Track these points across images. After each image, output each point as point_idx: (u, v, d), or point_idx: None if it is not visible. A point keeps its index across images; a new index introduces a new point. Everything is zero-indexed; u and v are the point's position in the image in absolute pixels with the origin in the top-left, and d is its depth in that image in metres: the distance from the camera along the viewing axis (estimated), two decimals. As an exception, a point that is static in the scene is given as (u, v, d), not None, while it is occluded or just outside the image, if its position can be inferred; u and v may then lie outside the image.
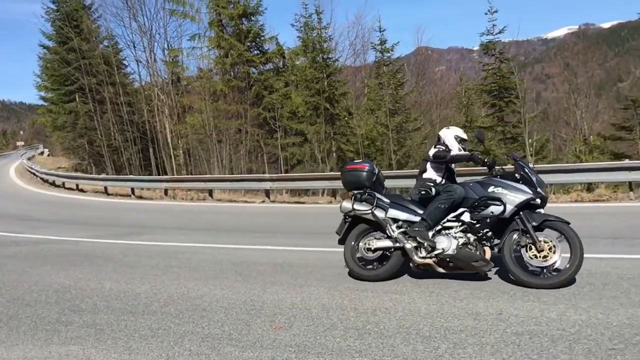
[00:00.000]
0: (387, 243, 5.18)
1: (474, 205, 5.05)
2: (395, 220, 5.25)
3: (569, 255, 4.50)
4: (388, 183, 12.93)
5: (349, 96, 27.81)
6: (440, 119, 36.45)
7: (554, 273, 4.57)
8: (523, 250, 4.73)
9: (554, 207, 10.99)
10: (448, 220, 5.09)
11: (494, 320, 3.79)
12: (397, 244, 5.12)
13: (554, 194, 13.41)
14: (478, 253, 4.86)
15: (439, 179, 5.46)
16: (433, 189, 5.21)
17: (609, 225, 8.10)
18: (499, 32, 23.39)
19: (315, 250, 7.07)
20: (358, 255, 5.31)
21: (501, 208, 4.90)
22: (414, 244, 5.04)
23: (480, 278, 4.98)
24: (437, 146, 5.59)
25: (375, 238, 5.29)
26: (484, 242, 4.95)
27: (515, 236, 4.79)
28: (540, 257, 4.63)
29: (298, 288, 5.02)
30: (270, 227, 10.27)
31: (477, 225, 4.98)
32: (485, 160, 5.25)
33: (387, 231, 5.19)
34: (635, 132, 19.82)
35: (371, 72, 31.43)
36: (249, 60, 26.75)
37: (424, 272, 5.18)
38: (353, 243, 5.36)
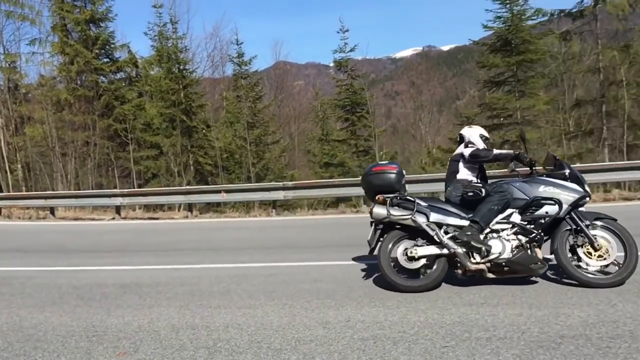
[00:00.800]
0: (434, 250, 4.81)
1: (525, 206, 4.83)
2: (439, 225, 4.86)
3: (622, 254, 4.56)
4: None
5: (207, 108, 27.34)
6: (299, 132, 37.38)
7: (610, 272, 4.58)
8: (580, 250, 4.67)
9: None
10: (497, 223, 4.84)
11: (343, 327, 3.91)
12: (445, 250, 4.78)
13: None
14: (533, 255, 4.71)
15: (474, 179, 5.27)
16: (483, 190, 4.92)
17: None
18: (351, 50, 24.57)
19: (168, 268, 6.77)
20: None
21: (556, 208, 4.73)
22: (465, 249, 4.75)
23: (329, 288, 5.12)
24: (468, 145, 5.34)
25: (417, 245, 4.87)
26: (534, 243, 4.77)
27: (569, 236, 4.71)
28: (595, 255, 4.61)
29: (146, 309, 4.75)
30: (120, 246, 9.66)
31: (531, 227, 4.78)
32: (530, 159, 5.07)
33: (435, 237, 4.78)
34: (468, 146, 21.94)
35: (230, 85, 31.25)
36: (98, 69, 25.10)
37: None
38: (389, 253, 4.89)
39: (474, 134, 5.52)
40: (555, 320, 3.82)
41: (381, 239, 4.99)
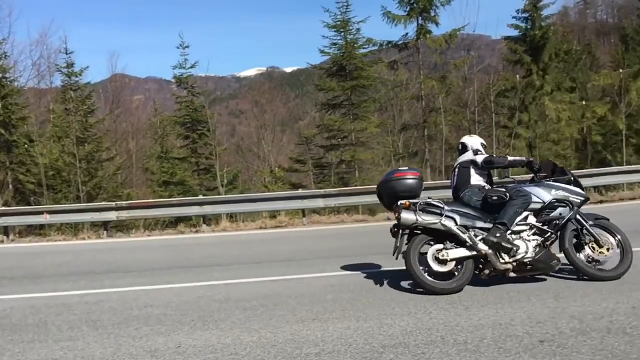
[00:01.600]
0: (464, 252, 5.00)
1: (540, 209, 5.21)
2: (467, 228, 5.09)
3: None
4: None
5: (30, 121, 24.71)
6: (137, 149, 35.49)
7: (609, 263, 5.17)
8: (587, 247, 5.20)
9: (241, 234, 11.73)
10: (516, 224, 5.11)
11: (172, 354, 3.75)
12: (474, 252, 4.99)
13: (242, 222, 14.32)
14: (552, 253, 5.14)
15: (486, 185, 5.51)
16: (507, 194, 5.15)
17: (283, 249, 9.02)
18: (191, 67, 24.10)
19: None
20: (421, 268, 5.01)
21: (568, 210, 5.21)
22: (494, 250, 4.98)
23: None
24: (478, 153, 5.65)
25: (446, 249, 5.02)
26: (548, 242, 5.18)
27: (574, 235, 5.21)
28: (597, 252, 5.17)
29: (-61, 352, 4.09)
30: None
31: (546, 227, 5.18)
32: (538, 166, 5.53)
33: (468, 240, 5.00)
34: (307, 165, 22.82)
35: (58, 97, 28.68)
36: None
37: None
38: (418, 258, 5.01)
39: (476, 142, 5.87)
40: (379, 330, 4.06)
41: (405, 244, 5.14)
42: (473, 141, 5.94)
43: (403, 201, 5.20)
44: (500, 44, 26.95)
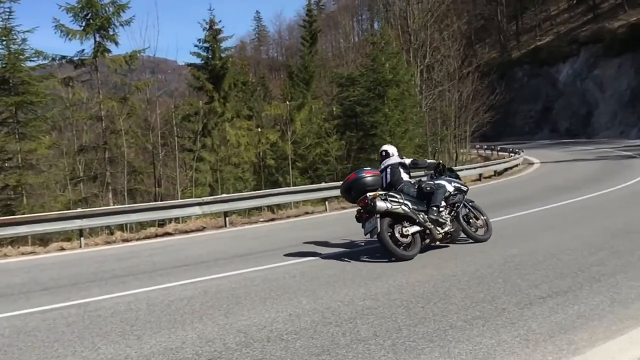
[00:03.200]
0: (417, 228, 6.76)
1: (448, 195, 7.26)
2: (418, 211, 6.83)
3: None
4: None
5: None
6: None
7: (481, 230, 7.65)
8: (472, 220, 7.66)
9: None
10: (440, 207, 7.08)
11: None
12: (422, 227, 6.77)
13: None
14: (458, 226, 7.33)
15: (411, 180, 7.55)
16: (435, 185, 7.20)
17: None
18: None
19: None
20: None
21: (462, 196, 7.54)
22: (434, 225, 6.82)
23: None
24: (403, 157, 7.88)
25: (404, 226, 6.68)
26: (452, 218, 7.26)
27: (463, 211, 7.55)
28: (476, 224, 7.67)
29: None
30: None
31: (456, 208, 7.34)
32: (442, 167, 7.93)
33: (420, 219, 6.77)
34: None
35: None
36: None
37: None
38: (388, 234, 6.55)
39: (395, 150, 7.90)
40: None
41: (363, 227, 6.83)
42: (393, 149, 7.88)
43: (372, 193, 6.71)
44: (186, 69, 27.60)
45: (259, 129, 25.28)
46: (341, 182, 8.37)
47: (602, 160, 23.06)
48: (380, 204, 6.58)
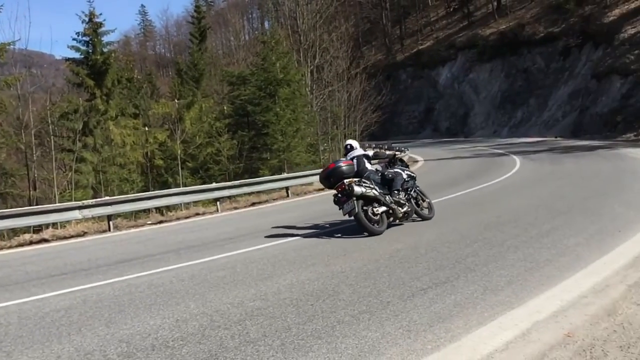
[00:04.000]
0: (384, 208, 8.10)
1: (403, 181, 8.63)
2: (384, 195, 8.20)
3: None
4: None
5: None
6: None
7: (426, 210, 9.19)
8: (420, 202, 9.13)
9: None
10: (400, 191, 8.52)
11: None
12: (387, 208, 8.13)
13: None
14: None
15: (375, 168, 8.94)
16: (396, 173, 8.68)
17: None
18: None
19: None
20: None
21: (413, 182, 9.03)
22: (396, 206, 8.24)
23: None
24: (366, 149, 9.37)
25: (374, 207, 7.97)
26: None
27: (414, 194, 9.00)
28: (423, 205, 9.19)
29: None
30: None
31: (409, 192, 8.81)
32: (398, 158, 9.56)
33: (387, 200, 8.15)
34: None
35: None
36: None
37: None
38: (363, 213, 7.83)
39: (357, 143, 9.18)
40: None
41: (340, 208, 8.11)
42: (355, 143, 9.12)
43: (348, 180, 7.97)
44: (64, 64, 25.62)
45: (146, 128, 24.30)
46: (320, 171, 10.18)
47: (478, 157, 24.75)
48: (357, 189, 7.82)
